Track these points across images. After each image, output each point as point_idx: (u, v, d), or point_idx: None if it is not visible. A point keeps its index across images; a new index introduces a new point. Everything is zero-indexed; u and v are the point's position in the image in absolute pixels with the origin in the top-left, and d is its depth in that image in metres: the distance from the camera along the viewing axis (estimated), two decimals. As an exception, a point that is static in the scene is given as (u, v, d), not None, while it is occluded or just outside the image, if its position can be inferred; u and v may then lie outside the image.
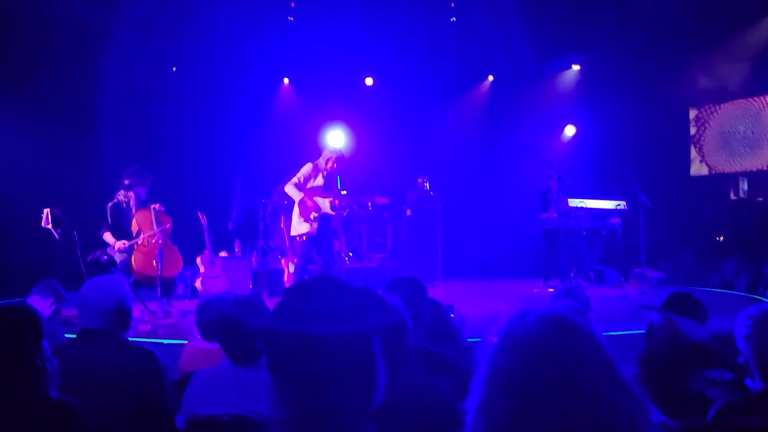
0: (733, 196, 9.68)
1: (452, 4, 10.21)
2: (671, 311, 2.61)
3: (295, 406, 1.14)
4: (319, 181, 6.83)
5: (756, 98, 9.44)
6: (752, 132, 9.45)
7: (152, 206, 6.39)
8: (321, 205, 6.77)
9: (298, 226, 6.84)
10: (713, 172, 9.97)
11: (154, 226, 6.28)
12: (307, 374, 1.14)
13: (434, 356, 2.40)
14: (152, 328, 5.61)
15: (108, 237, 6.27)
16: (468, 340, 3.35)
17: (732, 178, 9.72)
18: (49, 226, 6.29)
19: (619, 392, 0.93)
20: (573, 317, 0.98)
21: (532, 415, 0.90)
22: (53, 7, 8.09)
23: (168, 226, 6.44)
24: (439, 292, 7.79)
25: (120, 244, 6.22)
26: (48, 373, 1.95)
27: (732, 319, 2.17)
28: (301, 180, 6.79)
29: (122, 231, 6.36)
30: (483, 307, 6.51)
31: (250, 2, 9.49)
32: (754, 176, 9.51)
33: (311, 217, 6.72)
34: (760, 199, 9.36)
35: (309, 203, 6.73)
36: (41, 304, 3.86)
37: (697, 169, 10.15)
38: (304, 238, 6.79)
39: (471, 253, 10.79)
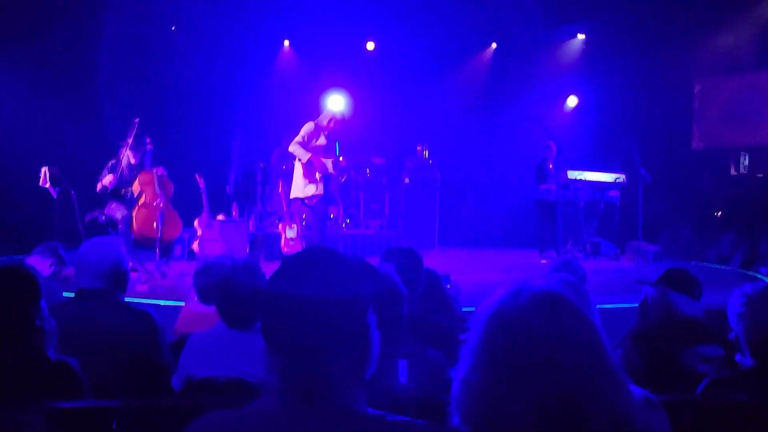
0: (733, 172, 9.64)
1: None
2: (666, 286, 2.62)
3: (288, 373, 1.15)
4: (322, 141, 6.71)
5: (762, 73, 9.32)
6: (756, 107, 9.36)
7: (155, 170, 6.38)
8: (327, 166, 6.68)
9: (305, 188, 6.67)
10: (715, 146, 9.91)
11: (156, 190, 6.28)
12: (301, 341, 1.14)
13: (428, 326, 2.42)
14: (149, 289, 5.64)
15: (99, 185, 6.30)
16: (463, 309, 3.38)
17: (733, 153, 9.67)
18: (47, 185, 6.26)
19: (599, 375, 0.94)
20: (567, 296, 0.99)
21: (509, 391, 0.92)
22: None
23: (170, 190, 6.46)
24: (434, 259, 7.82)
25: (109, 177, 6.24)
26: (46, 333, 1.95)
27: (726, 295, 2.19)
28: (305, 139, 6.63)
29: (116, 191, 6.39)
30: (478, 276, 6.55)
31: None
32: (755, 152, 9.46)
33: (317, 177, 6.61)
34: (760, 175, 9.32)
35: (317, 163, 6.61)
36: (41, 264, 3.87)
37: (699, 142, 10.09)
38: (314, 201, 6.67)
39: (468, 221, 10.80)
